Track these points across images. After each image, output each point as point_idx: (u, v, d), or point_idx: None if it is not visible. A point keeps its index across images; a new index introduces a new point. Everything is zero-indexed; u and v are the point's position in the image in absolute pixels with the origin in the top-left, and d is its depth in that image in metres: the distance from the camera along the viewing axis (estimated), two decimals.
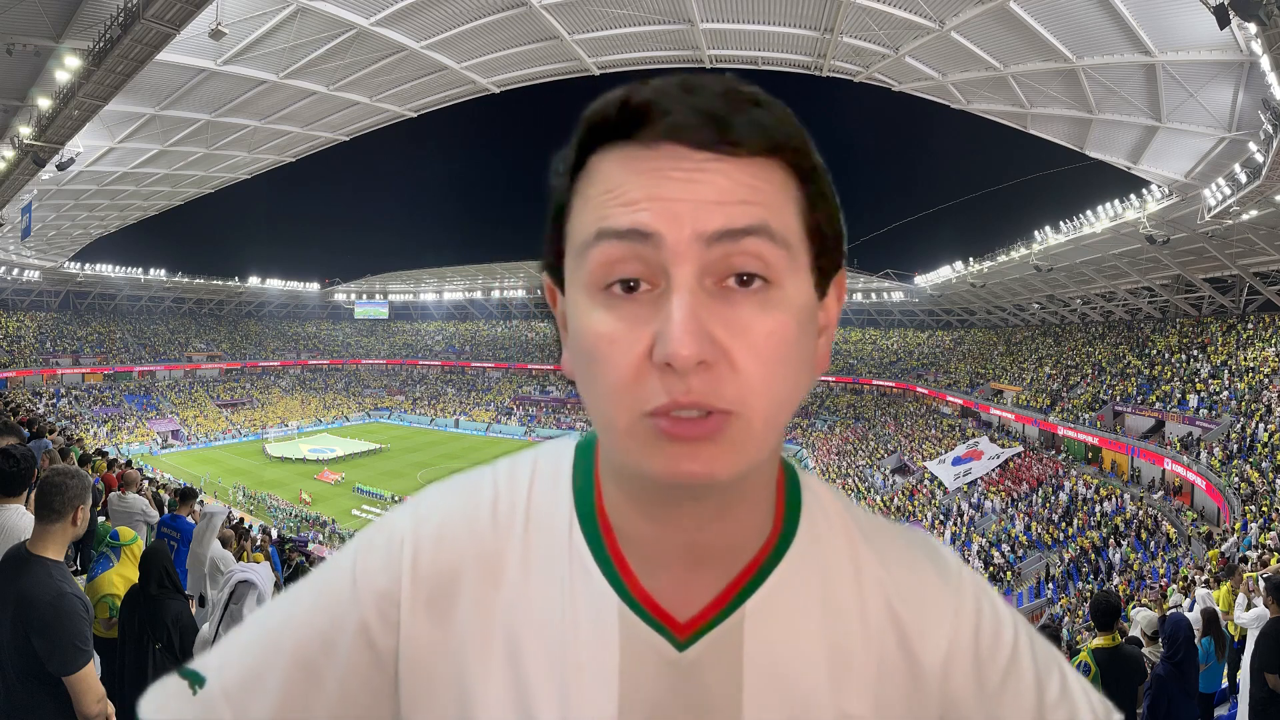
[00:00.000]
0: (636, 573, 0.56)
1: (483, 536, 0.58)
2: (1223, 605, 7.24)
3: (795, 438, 47.02)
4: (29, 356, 45.70)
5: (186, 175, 30.87)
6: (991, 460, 32.02)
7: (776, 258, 0.46)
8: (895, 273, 48.55)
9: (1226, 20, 12.22)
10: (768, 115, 0.47)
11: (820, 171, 0.51)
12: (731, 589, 0.56)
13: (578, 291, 0.49)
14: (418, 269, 66.50)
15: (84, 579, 4.00)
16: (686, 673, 0.55)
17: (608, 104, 0.48)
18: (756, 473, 0.53)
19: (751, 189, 0.46)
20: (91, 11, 15.14)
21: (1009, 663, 0.60)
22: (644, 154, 0.46)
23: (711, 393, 0.44)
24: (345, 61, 22.05)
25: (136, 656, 3.36)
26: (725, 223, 0.45)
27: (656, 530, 0.55)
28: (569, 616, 0.55)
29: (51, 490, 2.46)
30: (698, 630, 0.55)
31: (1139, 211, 24.01)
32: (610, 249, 0.46)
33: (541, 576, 0.57)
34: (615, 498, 0.57)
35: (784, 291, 0.47)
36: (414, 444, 48.26)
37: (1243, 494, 18.53)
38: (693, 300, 0.44)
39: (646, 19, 21.62)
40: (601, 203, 0.47)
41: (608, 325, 0.46)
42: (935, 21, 18.01)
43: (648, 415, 0.45)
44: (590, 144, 0.49)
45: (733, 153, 0.46)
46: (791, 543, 0.58)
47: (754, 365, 0.45)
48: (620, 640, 0.55)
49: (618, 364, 0.46)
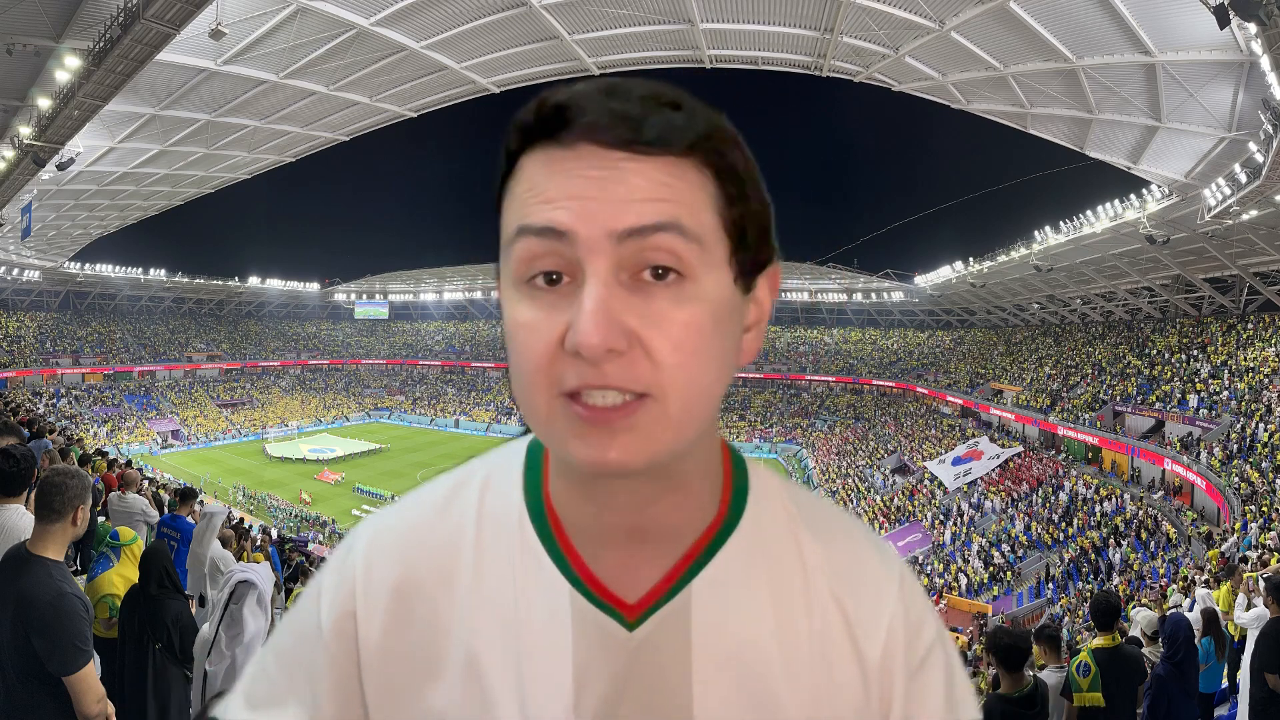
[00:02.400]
0: (584, 557, 0.58)
1: (435, 542, 0.61)
2: (1223, 605, 7.24)
3: (795, 438, 47.05)
4: (29, 356, 45.70)
5: (186, 175, 30.87)
6: (991, 460, 32.03)
7: (688, 252, 0.48)
8: (895, 273, 48.68)
9: (1226, 20, 12.22)
10: (683, 117, 0.49)
11: (742, 170, 0.52)
12: (677, 570, 0.58)
13: (506, 285, 0.51)
14: (418, 269, 66.56)
15: (84, 579, 4.00)
16: (637, 651, 0.57)
17: (529, 108, 0.50)
18: (690, 458, 0.56)
19: (664, 186, 0.48)
20: (91, 11, 15.13)
21: (929, 648, 0.63)
22: (563, 154, 0.48)
23: (626, 377, 0.46)
24: (345, 61, 22.05)
25: (136, 656, 3.36)
26: (635, 220, 0.47)
27: (598, 513, 0.57)
28: (522, 606, 0.58)
29: (51, 490, 2.46)
30: (646, 610, 0.58)
31: (1139, 211, 24.02)
32: (530, 244, 0.48)
33: (495, 572, 0.59)
34: (559, 486, 0.60)
35: (698, 285, 0.48)
36: (414, 444, 48.26)
37: (1243, 494, 18.53)
38: (604, 291, 0.46)
39: (646, 19, 21.62)
40: (524, 201, 0.49)
41: (528, 315, 0.49)
42: (935, 21, 18.01)
43: (563, 396, 0.48)
44: (520, 146, 0.51)
45: (646, 152, 0.48)
46: (737, 525, 0.61)
47: (669, 353, 0.47)
48: (572, 623, 0.57)
49: (534, 349, 0.48)
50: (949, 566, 24.92)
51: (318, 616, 0.62)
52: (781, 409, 51.10)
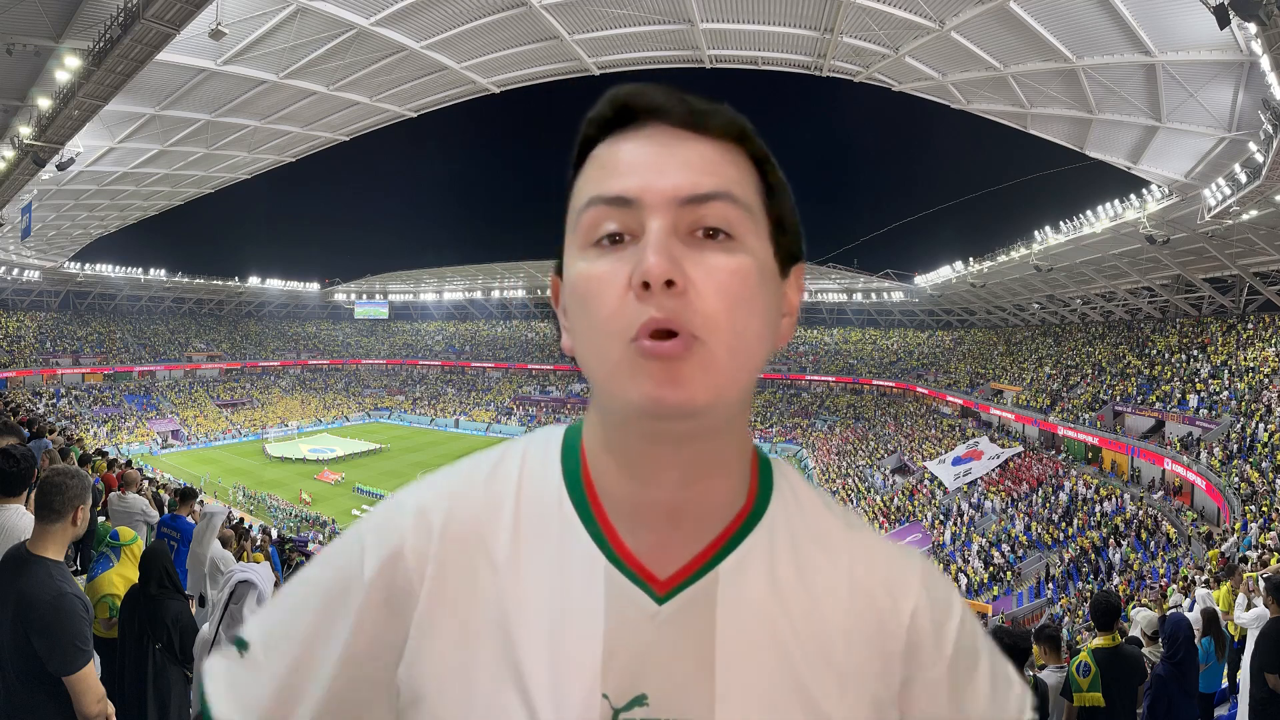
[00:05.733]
0: (620, 533, 0.61)
1: (476, 510, 0.64)
2: (1223, 605, 7.24)
3: (795, 438, 47.03)
4: (29, 356, 45.69)
5: (186, 175, 30.86)
6: (991, 460, 32.03)
7: (739, 219, 0.54)
8: (895, 273, 48.61)
9: (1226, 20, 12.22)
10: (734, 114, 0.57)
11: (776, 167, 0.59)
12: (708, 551, 0.61)
13: (572, 251, 0.56)
14: (418, 269, 66.42)
15: (84, 579, 4.00)
16: (664, 625, 0.59)
17: (603, 104, 0.58)
18: (731, 437, 0.61)
19: (720, 164, 0.55)
20: (91, 11, 15.13)
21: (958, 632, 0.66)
22: (633, 133, 0.56)
23: (681, 314, 0.51)
24: (345, 61, 22.04)
25: (136, 656, 3.36)
26: (694, 188, 0.53)
27: (639, 490, 0.60)
28: (559, 577, 0.60)
29: (51, 490, 2.46)
30: (675, 587, 0.60)
31: (1139, 211, 24.01)
32: (599, 212, 0.54)
33: (533, 545, 0.62)
34: (601, 462, 0.62)
35: (746, 245, 0.55)
36: (414, 444, 48.25)
37: (1243, 494, 18.54)
38: (666, 236, 0.52)
39: (646, 19, 21.62)
40: (596, 177, 0.56)
41: (597, 268, 0.54)
42: (935, 21, 18.01)
43: (633, 342, 0.51)
44: (592, 141, 0.58)
45: (705, 133, 0.55)
46: (764, 514, 0.64)
47: (718, 298, 0.52)
48: (605, 594, 0.59)
49: (605, 297, 0.53)
50: (949, 567, 24.89)
51: (360, 561, 0.62)
52: (781, 409, 51.09)
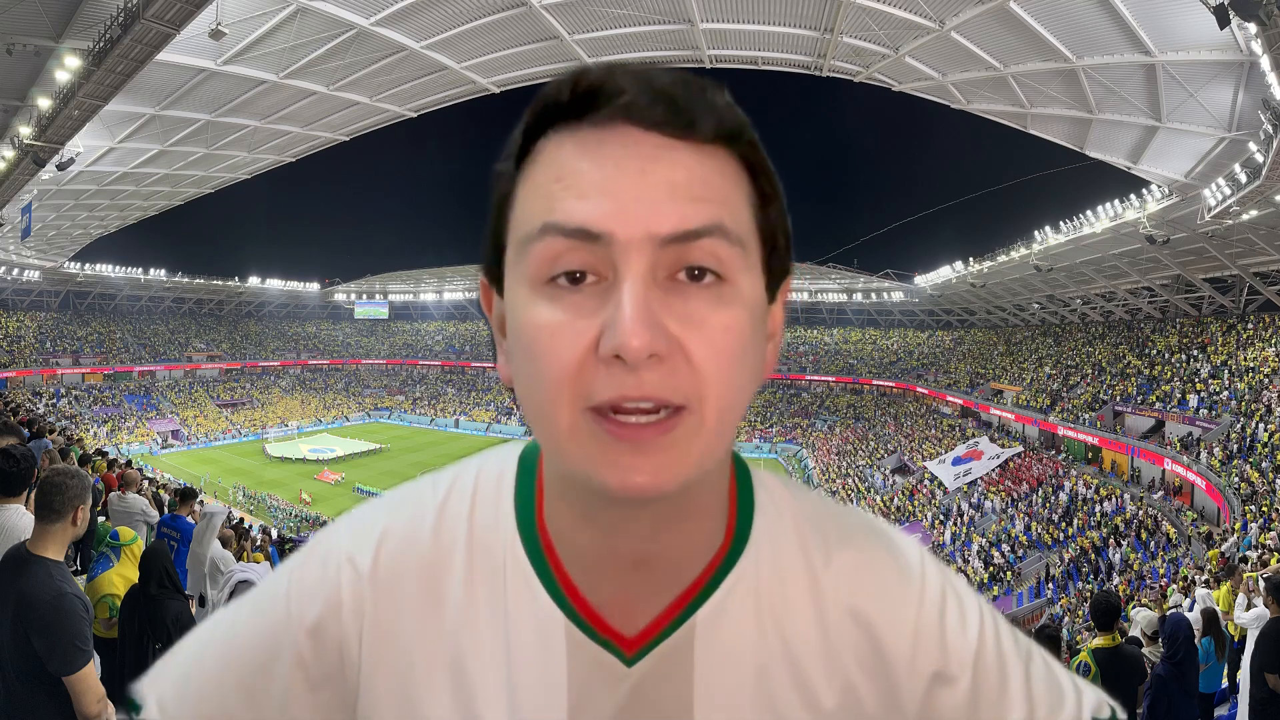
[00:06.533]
0: (580, 587, 0.54)
1: (424, 553, 0.56)
2: (1223, 605, 7.24)
3: (795, 438, 47.03)
4: (29, 356, 45.67)
5: (186, 175, 30.86)
6: (991, 460, 32.03)
7: (730, 256, 0.45)
8: (895, 273, 48.65)
9: (1226, 20, 12.21)
10: (722, 101, 0.46)
11: (770, 169, 0.49)
12: (681, 600, 0.54)
13: (518, 285, 0.46)
14: (418, 269, 66.50)
15: (84, 579, 4.00)
16: (635, 688, 0.53)
17: (559, 85, 0.46)
18: (709, 480, 0.52)
19: (705, 183, 0.44)
20: (91, 11, 15.13)
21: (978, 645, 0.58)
22: (596, 136, 0.44)
23: (664, 387, 0.42)
24: (345, 61, 22.04)
25: (136, 656, 3.35)
26: (679, 224, 0.43)
27: (603, 541, 0.52)
28: (514, 635, 0.54)
29: (51, 490, 2.46)
30: (646, 645, 0.54)
31: (1139, 211, 24.01)
32: (554, 244, 0.44)
33: (485, 593, 0.55)
34: (557, 507, 0.54)
35: (737, 288, 0.45)
36: (414, 444, 48.23)
37: (1243, 494, 18.53)
38: (644, 290, 0.42)
39: (646, 19, 21.62)
40: (550, 192, 0.44)
41: (550, 316, 0.44)
42: (935, 21, 18.01)
43: (590, 410, 0.43)
44: (539, 128, 0.47)
45: (687, 136, 0.44)
46: (744, 549, 0.56)
47: (709, 359, 0.43)
48: (567, 657, 0.53)
49: (560, 356, 0.43)
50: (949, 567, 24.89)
51: (288, 620, 0.56)
52: (781, 409, 51.09)
